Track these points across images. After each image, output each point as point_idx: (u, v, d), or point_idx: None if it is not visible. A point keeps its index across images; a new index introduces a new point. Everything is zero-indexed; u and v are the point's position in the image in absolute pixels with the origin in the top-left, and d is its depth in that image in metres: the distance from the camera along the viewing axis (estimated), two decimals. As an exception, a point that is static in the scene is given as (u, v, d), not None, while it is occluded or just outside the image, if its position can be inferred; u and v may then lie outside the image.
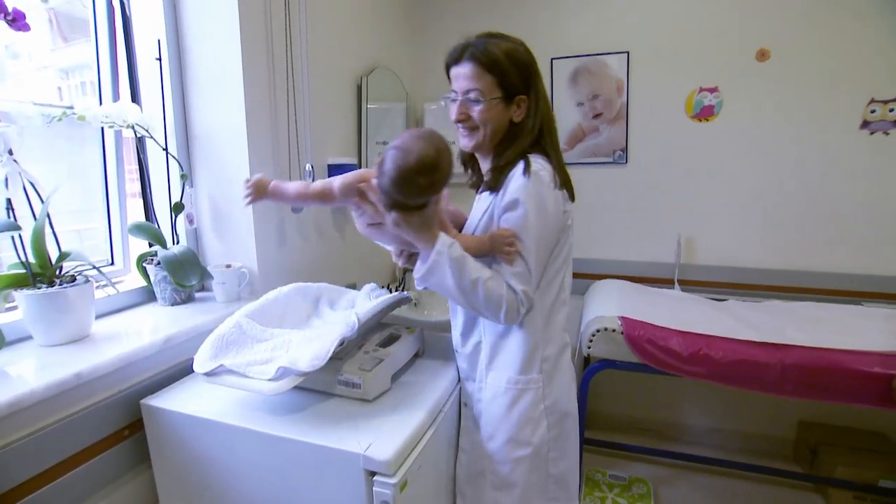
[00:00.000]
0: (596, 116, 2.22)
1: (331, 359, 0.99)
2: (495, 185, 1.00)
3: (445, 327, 1.81)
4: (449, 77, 1.03)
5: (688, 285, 2.20)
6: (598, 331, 1.68)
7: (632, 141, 2.21)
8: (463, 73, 0.98)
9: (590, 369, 1.71)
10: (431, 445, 0.97)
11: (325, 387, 1.03)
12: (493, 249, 0.96)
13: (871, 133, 1.92)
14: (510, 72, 0.97)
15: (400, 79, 2.24)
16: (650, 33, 2.11)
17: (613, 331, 1.70)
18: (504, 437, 1.04)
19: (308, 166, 1.53)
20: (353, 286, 1.50)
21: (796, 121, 1.99)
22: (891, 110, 1.89)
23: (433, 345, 1.31)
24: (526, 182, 0.95)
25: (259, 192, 0.96)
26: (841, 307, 1.89)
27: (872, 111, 1.91)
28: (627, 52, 2.14)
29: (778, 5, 1.95)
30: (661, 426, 2.35)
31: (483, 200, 1.05)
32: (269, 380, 0.92)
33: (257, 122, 1.40)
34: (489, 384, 1.06)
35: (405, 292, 1.37)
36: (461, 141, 1.04)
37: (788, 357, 1.55)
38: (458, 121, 1.00)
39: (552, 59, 2.23)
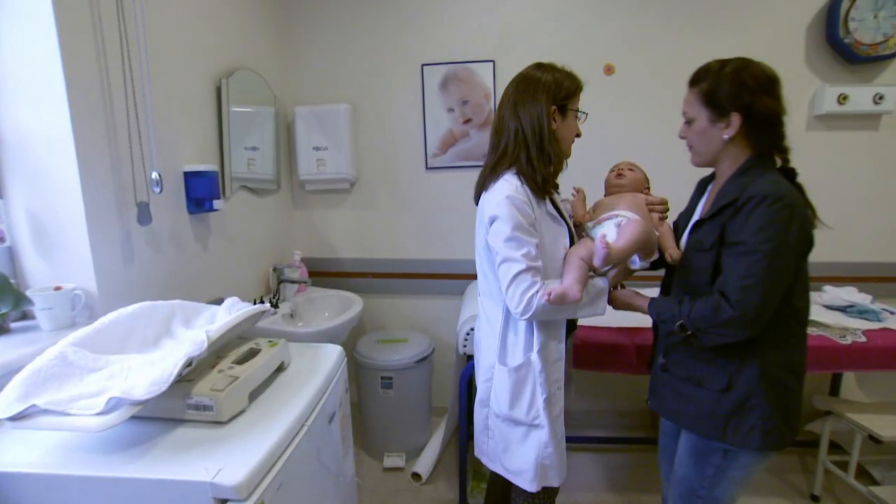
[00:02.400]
0: (466, 122, 2.30)
1: (180, 381, 0.91)
2: None
3: (321, 338, 1.75)
4: (577, 97, 1.37)
5: (559, 279, 2.36)
6: (472, 329, 1.73)
7: (502, 146, 2.33)
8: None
9: (467, 367, 1.74)
10: (295, 461, 0.92)
11: (174, 413, 0.94)
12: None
13: (689, 141, 2.24)
14: None
15: (266, 81, 2.13)
16: (513, 44, 2.25)
17: (490, 327, 1.76)
18: None
19: (154, 175, 1.39)
20: (219, 301, 1.39)
21: (637, 128, 2.25)
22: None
23: (303, 356, 1.25)
24: None
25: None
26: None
27: (687, 122, 2.22)
28: (493, 61, 2.26)
29: (615, 29, 2.19)
30: (544, 412, 2.50)
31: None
32: (97, 414, 0.81)
33: (87, 125, 1.23)
34: None
35: (266, 304, 1.30)
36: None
37: (638, 338, 1.73)
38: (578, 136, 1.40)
39: (423, 66, 2.28)
